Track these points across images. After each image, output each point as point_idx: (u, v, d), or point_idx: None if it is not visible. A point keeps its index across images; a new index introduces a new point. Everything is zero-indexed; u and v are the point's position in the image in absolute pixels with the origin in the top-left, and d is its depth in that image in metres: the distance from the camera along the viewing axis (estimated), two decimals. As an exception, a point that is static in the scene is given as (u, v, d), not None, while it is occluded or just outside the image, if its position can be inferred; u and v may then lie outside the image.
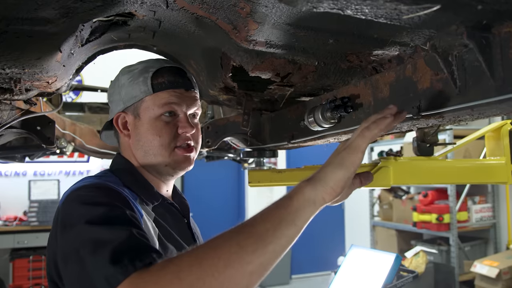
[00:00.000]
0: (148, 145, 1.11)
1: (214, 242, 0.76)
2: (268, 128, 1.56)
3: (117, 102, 1.16)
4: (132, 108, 1.13)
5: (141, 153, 1.13)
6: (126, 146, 1.16)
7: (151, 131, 1.10)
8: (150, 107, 1.11)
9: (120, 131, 1.15)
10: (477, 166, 1.69)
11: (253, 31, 0.97)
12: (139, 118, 1.12)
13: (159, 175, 1.16)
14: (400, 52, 1.11)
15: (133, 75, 1.13)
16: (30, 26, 0.90)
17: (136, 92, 1.12)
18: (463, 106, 0.79)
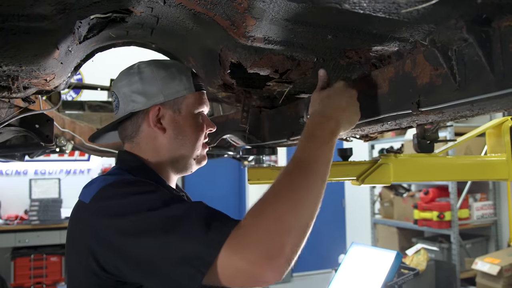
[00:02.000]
0: (189, 138, 1.14)
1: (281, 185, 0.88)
2: (267, 125, 1.55)
3: (153, 94, 1.11)
4: (172, 102, 1.13)
5: (176, 147, 1.14)
6: (149, 140, 1.13)
7: (194, 126, 1.15)
8: (192, 103, 1.15)
9: (154, 124, 1.12)
10: (477, 163, 1.69)
11: (251, 27, 0.97)
12: (180, 113, 1.14)
13: (180, 169, 1.18)
14: (400, 47, 1.10)
15: (171, 72, 1.14)
16: (26, 23, 0.89)
17: (180, 88, 1.13)
18: (463, 101, 0.78)
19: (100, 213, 0.94)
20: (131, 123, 1.14)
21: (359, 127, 1.09)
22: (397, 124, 1.03)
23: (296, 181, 0.88)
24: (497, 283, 3.87)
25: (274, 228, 0.81)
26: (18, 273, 5.18)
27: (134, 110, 1.12)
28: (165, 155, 1.14)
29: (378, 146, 5.78)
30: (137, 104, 1.12)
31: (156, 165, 1.13)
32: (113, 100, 1.17)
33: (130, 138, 1.15)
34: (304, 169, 0.90)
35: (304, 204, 0.86)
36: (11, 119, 1.42)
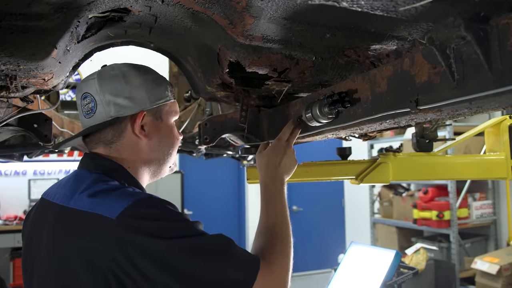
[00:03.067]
0: (169, 146, 1.14)
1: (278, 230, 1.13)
2: (266, 125, 1.55)
3: (140, 99, 1.07)
4: (155, 109, 1.10)
5: (157, 154, 1.12)
6: (131, 147, 1.09)
7: (172, 134, 1.15)
8: (171, 112, 1.14)
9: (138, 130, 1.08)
10: (476, 162, 1.69)
11: (249, 26, 0.97)
12: (161, 120, 1.12)
13: (156, 175, 1.18)
14: (398, 46, 1.10)
15: (155, 78, 1.11)
16: (24, 22, 0.89)
17: (163, 95, 1.11)
18: (461, 99, 0.78)
19: (134, 232, 0.90)
20: (112, 128, 1.07)
21: (358, 126, 1.09)
22: (396, 122, 1.03)
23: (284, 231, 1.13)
24: (497, 282, 3.87)
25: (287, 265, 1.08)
26: (17, 274, 5.17)
27: (120, 115, 1.05)
28: (144, 161, 1.11)
29: (377, 145, 5.78)
30: (123, 109, 1.05)
31: (134, 170, 1.10)
32: (87, 103, 1.07)
33: (109, 144, 1.08)
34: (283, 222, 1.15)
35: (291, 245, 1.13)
36: (9, 119, 1.42)
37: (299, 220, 7.47)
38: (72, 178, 1.09)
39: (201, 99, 2.26)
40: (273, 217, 1.15)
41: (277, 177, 1.23)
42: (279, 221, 1.15)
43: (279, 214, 1.15)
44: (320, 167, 1.53)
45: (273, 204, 1.18)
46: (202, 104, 2.30)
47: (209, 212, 6.95)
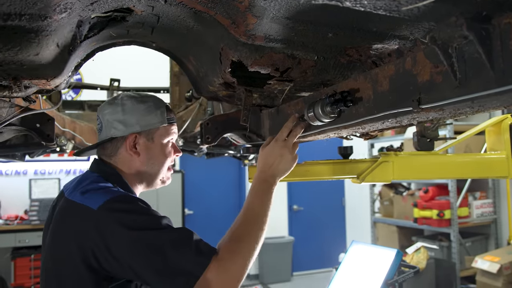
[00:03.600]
0: (158, 163, 1.36)
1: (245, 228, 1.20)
2: (268, 124, 1.55)
3: (131, 124, 1.32)
4: (147, 132, 1.33)
5: (148, 169, 1.35)
6: (125, 160, 1.34)
7: (163, 153, 1.36)
8: (164, 134, 1.36)
9: (130, 148, 1.33)
10: (477, 161, 1.69)
11: (252, 26, 0.97)
12: (153, 141, 1.35)
13: (147, 186, 1.40)
14: (400, 45, 1.11)
15: (149, 106, 1.34)
16: (28, 22, 0.89)
17: (154, 121, 1.34)
18: (463, 98, 0.78)
19: (110, 222, 1.12)
20: (111, 145, 1.34)
21: (360, 125, 1.10)
22: (398, 121, 1.03)
23: (252, 230, 1.20)
24: (497, 281, 3.88)
25: (242, 264, 1.13)
26: (18, 273, 5.18)
27: (114, 136, 1.32)
28: (136, 173, 1.35)
29: (377, 144, 5.79)
30: (117, 131, 1.32)
31: (128, 179, 1.34)
32: (98, 123, 1.37)
33: (109, 157, 1.35)
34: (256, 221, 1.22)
35: (257, 246, 1.18)
36: (12, 119, 1.43)
37: (300, 220, 7.48)
38: (80, 176, 1.34)
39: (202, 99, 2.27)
40: (247, 215, 1.23)
41: (267, 179, 1.30)
42: (252, 221, 1.22)
43: (255, 215, 1.23)
44: (321, 166, 1.53)
45: (253, 204, 1.26)
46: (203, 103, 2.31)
47: (210, 212, 6.95)
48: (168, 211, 5.49)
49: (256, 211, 1.24)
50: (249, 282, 6.90)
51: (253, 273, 7.02)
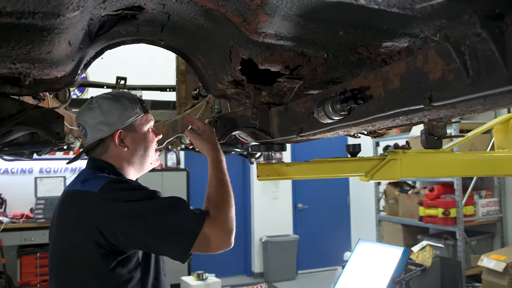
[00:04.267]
0: (145, 149, 1.49)
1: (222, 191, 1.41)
2: (276, 122, 1.55)
3: (114, 122, 1.43)
4: (129, 126, 1.45)
5: (137, 157, 1.48)
6: (116, 155, 1.46)
7: (146, 140, 1.50)
8: (144, 123, 1.49)
9: (118, 144, 1.44)
10: (486, 159, 1.69)
11: (263, 23, 0.97)
12: (136, 132, 1.47)
13: (140, 171, 1.53)
14: (410, 43, 1.11)
15: (124, 102, 1.46)
16: (41, 20, 0.90)
17: (132, 114, 1.46)
18: (475, 96, 0.78)
19: (110, 199, 1.29)
20: (99, 146, 1.45)
21: (370, 123, 1.10)
22: (409, 119, 1.03)
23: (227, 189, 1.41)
24: (503, 280, 3.87)
25: (228, 218, 1.34)
26: (24, 271, 5.21)
27: (102, 137, 1.44)
28: (128, 163, 1.48)
29: (382, 143, 5.78)
30: (103, 132, 1.43)
31: (121, 170, 1.47)
32: (81, 130, 1.47)
33: (100, 155, 1.47)
34: (226, 182, 1.43)
35: (233, 202, 1.40)
36: (22, 117, 1.43)
37: (304, 218, 7.48)
38: (78, 173, 1.49)
39: (210, 97, 2.27)
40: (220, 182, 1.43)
41: (216, 149, 1.49)
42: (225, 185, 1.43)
43: (225, 180, 1.44)
44: (330, 163, 1.53)
45: (220, 173, 1.44)
46: (210, 101, 2.31)
47: (215, 210, 6.95)
48: (173, 209, 5.50)
49: (225, 178, 1.45)
50: (254, 280, 6.91)
51: (258, 271, 7.03)
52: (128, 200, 1.29)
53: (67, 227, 1.36)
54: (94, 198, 1.30)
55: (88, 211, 1.30)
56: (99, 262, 1.26)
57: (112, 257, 1.27)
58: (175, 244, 1.26)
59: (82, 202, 1.33)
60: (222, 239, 1.30)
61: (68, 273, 1.33)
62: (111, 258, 1.27)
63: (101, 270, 1.27)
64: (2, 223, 5.25)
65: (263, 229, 7.02)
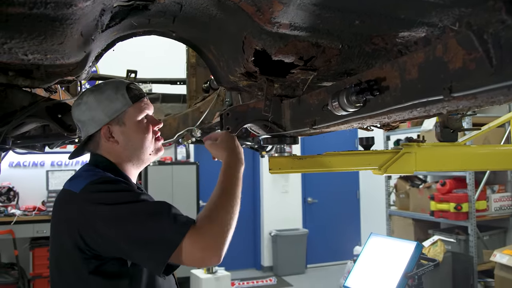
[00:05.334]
0: (138, 142, 1.40)
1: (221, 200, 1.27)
2: (289, 114, 1.53)
3: (99, 118, 1.37)
4: (116, 119, 1.38)
5: (131, 151, 1.40)
6: (109, 150, 1.40)
7: (139, 131, 1.40)
8: (133, 114, 1.39)
9: (107, 139, 1.38)
10: (502, 152, 1.66)
11: (277, 13, 0.95)
12: (125, 125, 1.39)
13: (139, 165, 1.45)
14: (427, 33, 1.08)
15: (108, 94, 1.37)
16: (54, 10, 0.89)
17: (118, 106, 1.37)
18: (499, 85, 0.76)
19: (90, 202, 1.22)
20: (91, 142, 1.42)
21: (387, 114, 1.08)
22: (426, 110, 1.00)
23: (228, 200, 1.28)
24: (516, 275, 3.82)
25: (219, 230, 1.18)
26: (37, 263, 5.27)
27: (90, 133, 1.39)
28: (124, 158, 1.41)
29: (393, 137, 5.73)
30: (91, 128, 1.38)
31: (120, 165, 1.41)
32: (76, 127, 1.44)
33: (95, 150, 1.42)
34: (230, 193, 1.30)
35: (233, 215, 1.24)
36: (34, 109, 1.43)
37: (314, 212, 7.46)
38: None
39: (220, 89, 2.25)
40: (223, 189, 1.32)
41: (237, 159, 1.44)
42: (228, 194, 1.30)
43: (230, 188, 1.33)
44: (343, 157, 1.51)
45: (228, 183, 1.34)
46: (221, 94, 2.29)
47: (224, 204, 6.96)
48: (183, 202, 5.52)
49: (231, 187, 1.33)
50: (263, 274, 6.92)
51: (268, 265, 7.04)
52: (109, 203, 1.20)
53: (56, 227, 1.33)
54: (75, 199, 1.25)
55: (70, 213, 1.25)
56: (80, 266, 1.21)
57: (93, 262, 1.21)
58: (151, 254, 1.15)
59: (66, 203, 1.30)
60: (207, 252, 1.15)
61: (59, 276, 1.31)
62: (92, 262, 1.21)
63: (83, 274, 1.21)
64: (14, 215, 5.31)
65: (272, 223, 7.02)
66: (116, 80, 1.47)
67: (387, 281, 2.27)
